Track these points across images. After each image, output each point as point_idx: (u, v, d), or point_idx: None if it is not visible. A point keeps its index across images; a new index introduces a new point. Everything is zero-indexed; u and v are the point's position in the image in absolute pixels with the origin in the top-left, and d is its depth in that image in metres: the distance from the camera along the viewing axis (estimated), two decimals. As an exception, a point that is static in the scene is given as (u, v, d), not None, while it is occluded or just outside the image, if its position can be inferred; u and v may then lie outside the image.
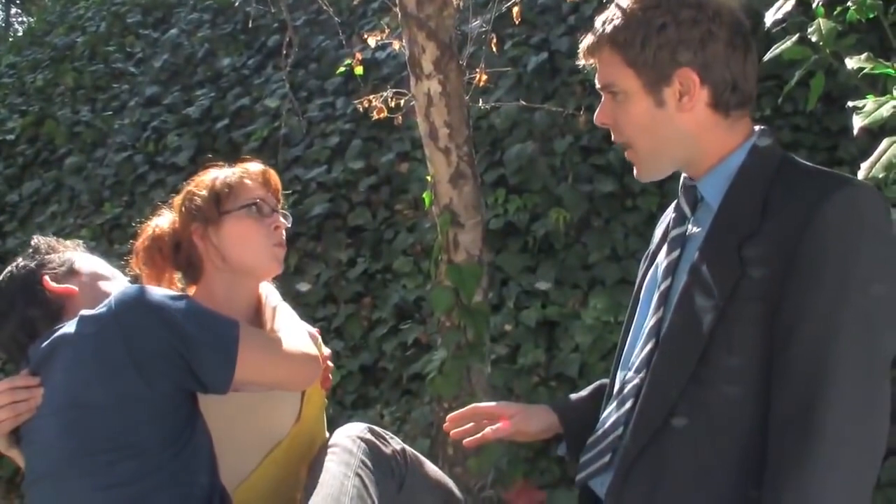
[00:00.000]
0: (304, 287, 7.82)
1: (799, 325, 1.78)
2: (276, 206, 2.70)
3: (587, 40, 2.10)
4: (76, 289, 2.49)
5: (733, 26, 1.98)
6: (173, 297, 2.29)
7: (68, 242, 2.68)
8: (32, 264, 2.52)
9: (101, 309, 2.24)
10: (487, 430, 2.42)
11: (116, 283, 2.58)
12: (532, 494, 5.60)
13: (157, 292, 2.28)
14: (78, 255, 2.62)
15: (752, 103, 2.06)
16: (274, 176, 2.74)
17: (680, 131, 2.01)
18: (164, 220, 2.68)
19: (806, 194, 1.84)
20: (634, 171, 2.15)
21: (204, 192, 2.60)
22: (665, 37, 1.95)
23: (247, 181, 2.64)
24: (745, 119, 2.05)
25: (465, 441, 2.45)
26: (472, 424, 2.47)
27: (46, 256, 2.55)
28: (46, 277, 2.48)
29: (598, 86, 2.10)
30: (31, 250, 2.58)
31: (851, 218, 1.79)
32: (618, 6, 2.04)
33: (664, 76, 1.97)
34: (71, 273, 2.54)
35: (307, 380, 2.59)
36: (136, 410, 2.20)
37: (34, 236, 2.67)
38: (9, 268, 2.56)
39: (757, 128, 2.06)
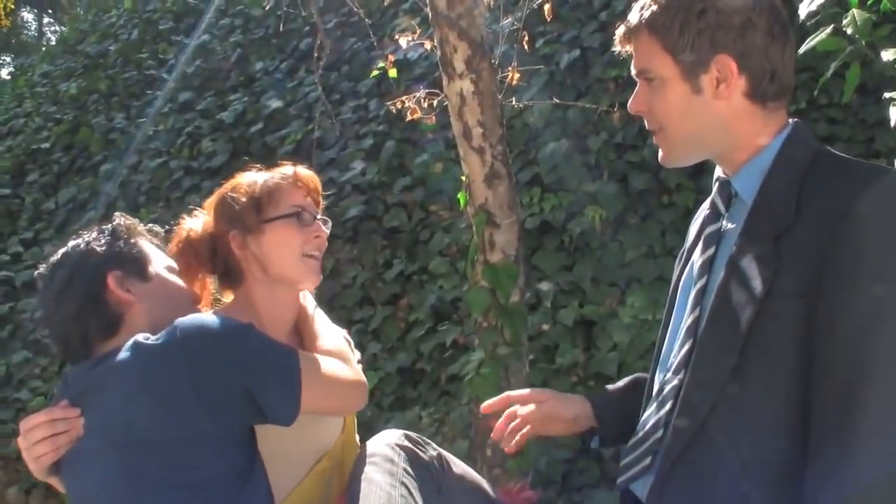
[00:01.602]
0: (346, 277, 7.85)
1: (836, 322, 1.74)
2: (317, 211, 2.62)
3: (624, 26, 2.08)
4: (137, 300, 2.39)
5: (773, 15, 1.95)
6: (238, 330, 2.24)
7: (147, 229, 2.58)
8: (104, 251, 2.40)
9: (162, 338, 2.18)
10: (525, 428, 2.40)
11: (176, 302, 2.47)
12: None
13: (223, 324, 2.23)
14: (153, 253, 2.51)
15: (789, 95, 2.03)
16: (314, 179, 2.65)
17: (715, 119, 1.98)
18: (198, 223, 2.59)
19: (841, 186, 1.81)
20: (660, 155, 2.12)
21: (243, 199, 2.50)
22: (704, 22, 1.93)
23: (287, 187, 2.55)
24: (781, 111, 2.01)
25: (505, 449, 2.43)
26: (512, 423, 2.43)
27: (121, 246, 2.42)
28: (112, 278, 2.36)
29: (633, 72, 2.09)
30: (108, 230, 2.46)
31: (889, 209, 1.76)
32: None
33: (702, 62, 1.95)
34: (140, 275, 2.43)
35: (357, 406, 2.56)
36: (199, 448, 2.16)
37: (116, 214, 2.54)
38: (77, 241, 2.44)
39: (791, 121, 2.03)
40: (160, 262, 2.51)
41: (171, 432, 2.14)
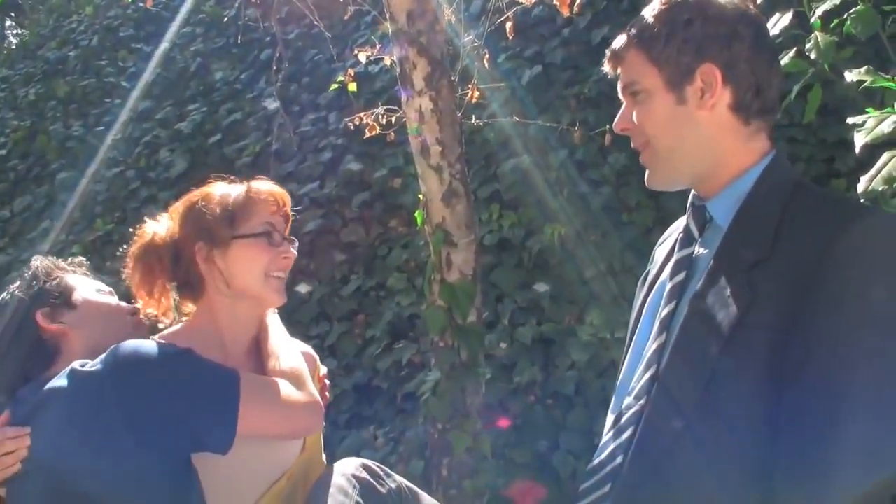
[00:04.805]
0: (303, 289, 7.78)
1: (812, 359, 1.71)
2: (286, 230, 2.60)
3: (613, 46, 2.10)
4: (69, 328, 2.46)
5: (759, 31, 1.97)
6: (172, 357, 2.23)
7: (68, 263, 2.66)
8: (28, 295, 2.49)
9: (95, 366, 2.18)
10: None
11: (111, 321, 2.54)
12: (533, 490, 5.57)
13: (156, 351, 2.22)
14: (78, 282, 2.58)
15: (773, 116, 2.03)
16: (286, 197, 2.62)
17: (699, 131, 1.99)
18: (162, 228, 2.55)
19: (823, 223, 1.80)
20: (646, 177, 2.12)
21: (217, 211, 2.47)
22: (691, 31, 1.95)
23: (261, 203, 2.52)
24: (763, 136, 2.02)
25: None
26: None
27: (45, 286, 2.51)
28: (40, 315, 2.45)
29: (619, 88, 2.10)
30: (29, 275, 2.55)
31: (870, 249, 1.75)
32: (645, 12, 2.05)
33: (687, 72, 1.96)
34: (67, 305, 2.51)
35: (309, 429, 2.53)
36: (128, 477, 2.14)
37: (34, 257, 2.63)
38: (4, 294, 2.53)
39: (773, 150, 2.03)
40: (86, 288, 2.58)
41: (97, 460, 2.13)
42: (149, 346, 2.25)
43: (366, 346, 7.34)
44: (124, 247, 2.59)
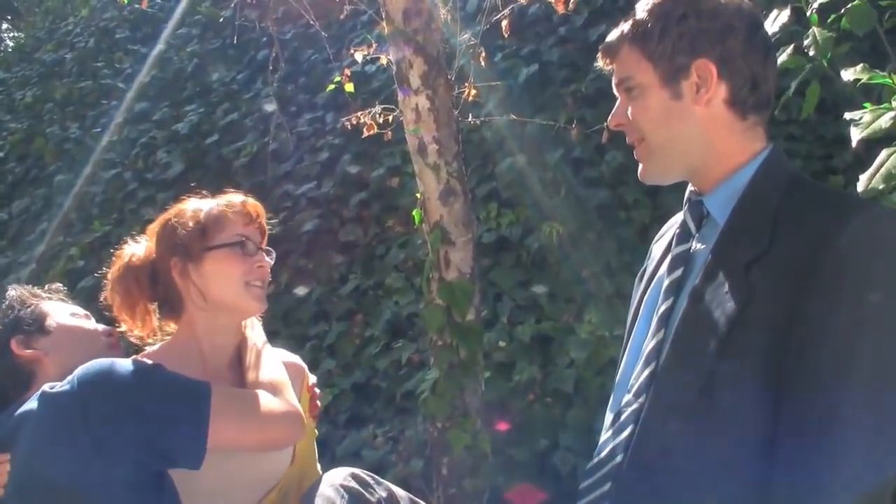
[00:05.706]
0: (301, 291, 7.77)
1: (810, 358, 1.69)
2: (261, 242, 2.61)
3: (607, 41, 2.08)
4: (43, 353, 2.49)
5: (754, 25, 1.96)
6: (138, 372, 2.23)
7: (45, 290, 2.69)
8: (3, 324, 2.54)
9: (63, 387, 2.18)
10: None
11: (85, 344, 2.55)
12: (532, 494, 5.56)
13: (122, 368, 2.22)
14: (52, 308, 2.60)
15: (769, 110, 2.02)
16: (259, 209, 2.63)
17: (695, 127, 1.97)
18: (140, 248, 2.58)
19: (820, 218, 1.78)
20: (639, 171, 2.10)
21: (189, 225, 2.49)
22: (685, 26, 1.93)
23: (231, 216, 2.53)
24: (760, 130, 2.00)
25: None
26: None
27: (20, 313, 2.55)
28: (14, 342, 2.48)
29: (614, 83, 2.08)
30: (5, 304, 2.59)
31: (869, 245, 1.72)
32: (638, 7, 2.03)
33: (682, 67, 1.94)
34: (41, 331, 2.53)
35: (287, 441, 2.52)
36: (100, 494, 2.12)
37: (10, 287, 2.67)
38: None
39: (770, 144, 2.01)
40: (60, 313, 2.61)
41: (68, 478, 2.12)
42: (116, 363, 2.24)
43: (364, 345, 7.31)
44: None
